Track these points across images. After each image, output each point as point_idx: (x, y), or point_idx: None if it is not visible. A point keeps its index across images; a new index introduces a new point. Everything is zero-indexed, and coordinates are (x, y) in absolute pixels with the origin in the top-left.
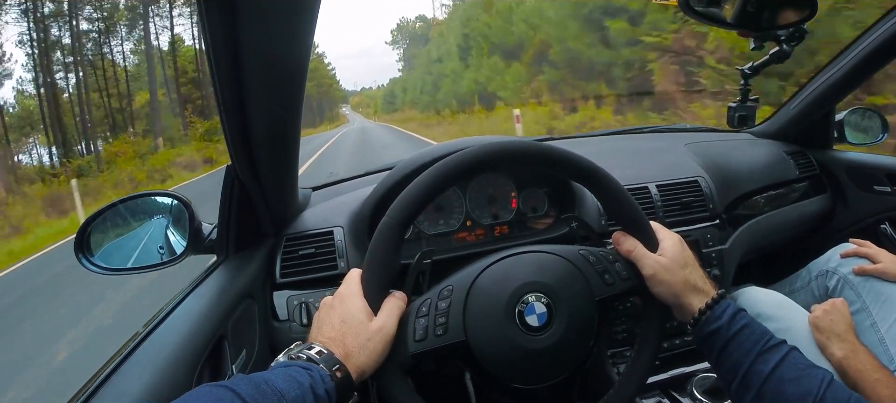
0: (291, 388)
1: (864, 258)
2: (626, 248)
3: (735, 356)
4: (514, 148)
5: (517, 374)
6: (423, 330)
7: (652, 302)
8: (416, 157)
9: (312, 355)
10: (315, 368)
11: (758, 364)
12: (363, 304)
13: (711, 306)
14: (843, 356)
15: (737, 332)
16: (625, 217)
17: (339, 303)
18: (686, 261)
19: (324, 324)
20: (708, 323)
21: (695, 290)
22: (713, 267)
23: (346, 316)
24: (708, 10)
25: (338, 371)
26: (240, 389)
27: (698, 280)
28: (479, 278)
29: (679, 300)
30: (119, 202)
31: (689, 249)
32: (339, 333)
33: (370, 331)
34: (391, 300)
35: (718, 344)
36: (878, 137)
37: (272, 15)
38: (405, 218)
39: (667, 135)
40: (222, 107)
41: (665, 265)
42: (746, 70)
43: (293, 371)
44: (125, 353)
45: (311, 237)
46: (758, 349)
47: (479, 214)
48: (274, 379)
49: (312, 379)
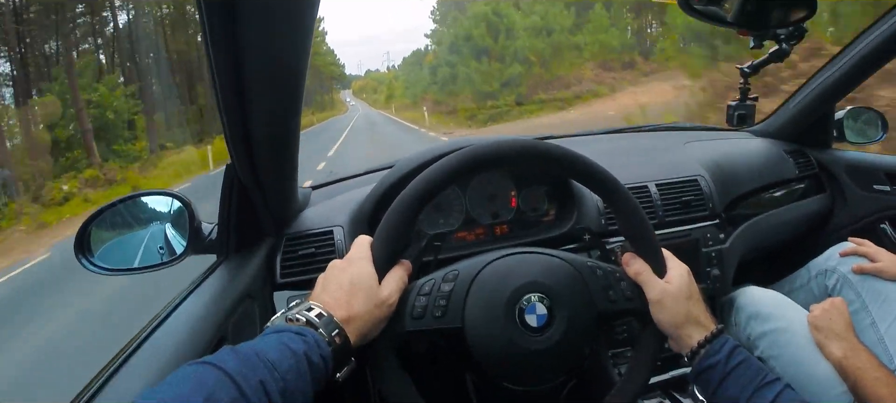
0: (284, 358)
1: (863, 257)
2: (634, 270)
3: (731, 391)
4: (528, 147)
5: (510, 372)
6: (421, 309)
7: (650, 328)
8: (417, 156)
9: (311, 317)
10: (310, 333)
11: (753, 401)
12: (372, 270)
13: (710, 340)
14: (842, 355)
15: (734, 368)
16: (638, 237)
17: (349, 265)
18: (691, 293)
19: (330, 283)
20: (706, 357)
21: (696, 323)
22: (713, 267)
23: (355, 278)
24: (708, 9)
25: (336, 337)
26: (226, 365)
27: (700, 313)
28: (485, 269)
29: (679, 331)
30: (119, 202)
31: (694, 282)
32: (346, 294)
33: (379, 298)
34: (398, 270)
35: (715, 379)
36: (878, 136)
37: (272, 14)
38: (425, 194)
39: (666, 134)
40: (222, 107)
41: (671, 293)
42: (746, 69)
43: (286, 337)
44: (126, 355)
45: (311, 237)
46: (754, 385)
47: (478, 213)
48: (265, 349)
49: (307, 346)
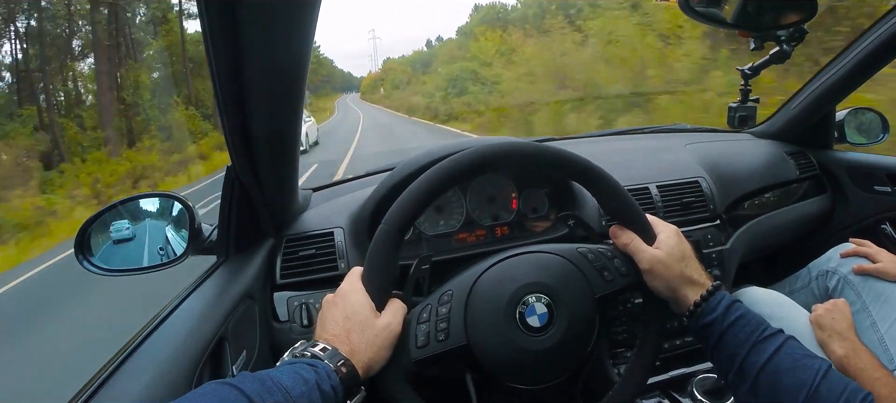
0: (297, 384)
1: (863, 257)
2: (622, 241)
3: (730, 347)
4: (508, 148)
5: (519, 375)
6: (424, 337)
7: (652, 299)
8: (418, 158)
9: (317, 352)
10: (320, 364)
11: (753, 355)
12: (367, 299)
13: (706, 298)
14: (843, 354)
15: (732, 323)
16: (621, 211)
17: (342, 300)
18: (683, 254)
19: (327, 321)
20: (703, 315)
21: (690, 283)
22: (714, 268)
23: (349, 312)
24: (708, 10)
25: (342, 367)
26: (245, 387)
27: (694, 272)
28: (478, 281)
29: (675, 293)
30: (119, 203)
31: (685, 241)
32: (343, 330)
33: (377, 328)
34: (396, 301)
35: (714, 336)
36: (879, 137)
37: (272, 14)
38: (402, 224)
39: (667, 136)
40: (222, 107)
41: (661, 258)
42: (747, 70)
43: (298, 367)
44: (125, 354)
45: (311, 238)
46: (753, 339)
47: (479, 215)
48: (279, 376)
49: (318, 375)
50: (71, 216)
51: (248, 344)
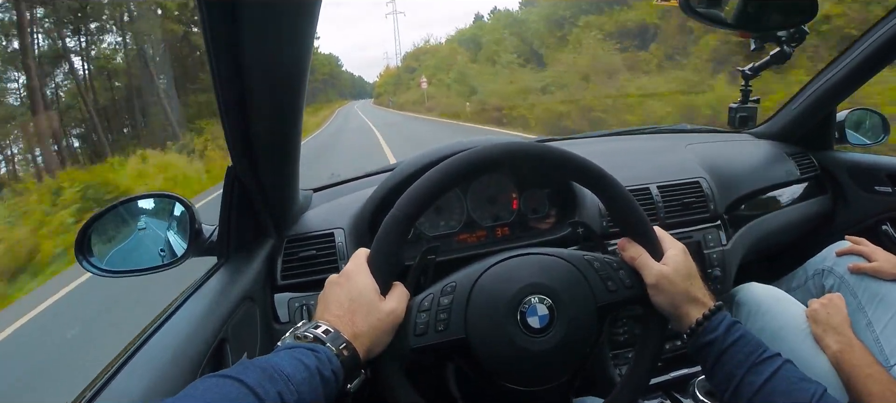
0: (298, 371)
1: (859, 256)
2: (630, 255)
3: (728, 367)
4: (521, 149)
5: (516, 375)
6: (424, 325)
7: (653, 312)
8: (419, 158)
9: (319, 334)
10: (321, 348)
11: (750, 376)
12: (372, 282)
13: (708, 317)
14: (838, 349)
15: (731, 344)
16: (631, 224)
17: (347, 281)
18: (689, 272)
19: (331, 302)
20: (704, 334)
21: (694, 301)
22: (714, 268)
23: (354, 294)
24: (708, 11)
25: (344, 350)
26: (247, 378)
27: (698, 291)
28: (482, 276)
29: (678, 310)
30: (120, 204)
31: (692, 260)
32: (347, 311)
33: (382, 312)
34: (400, 286)
35: (713, 355)
36: (879, 138)
37: (272, 15)
38: (412, 212)
39: (668, 136)
40: (223, 107)
41: (667, 274)
42: (747, 71)
43: (299, 352)
44: (126, 356)
45: (312, 238)
46: (751, 361)
47: (479, 216)
48: (280, 363)
49: (319, 361)
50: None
51: (248, 346)
